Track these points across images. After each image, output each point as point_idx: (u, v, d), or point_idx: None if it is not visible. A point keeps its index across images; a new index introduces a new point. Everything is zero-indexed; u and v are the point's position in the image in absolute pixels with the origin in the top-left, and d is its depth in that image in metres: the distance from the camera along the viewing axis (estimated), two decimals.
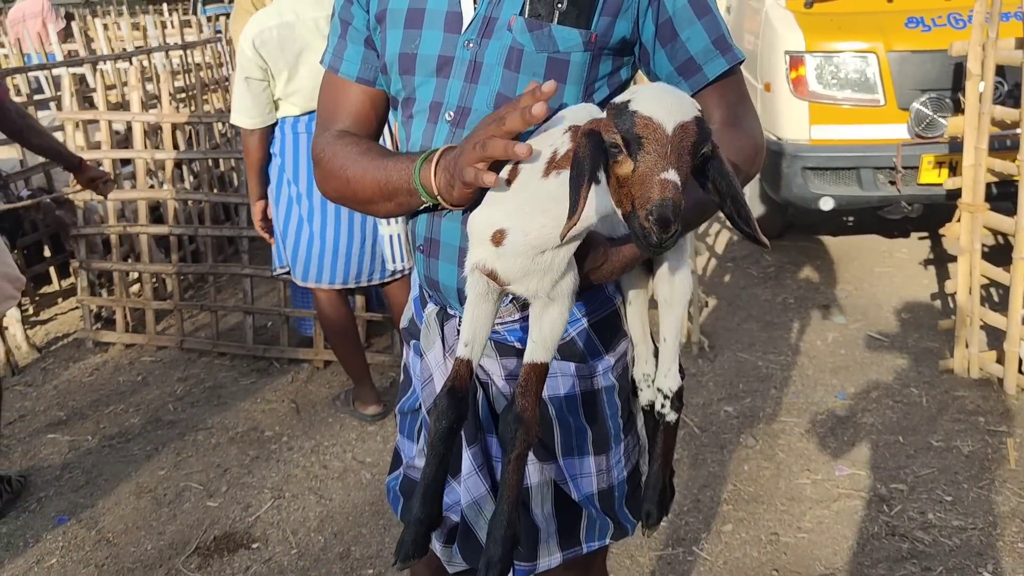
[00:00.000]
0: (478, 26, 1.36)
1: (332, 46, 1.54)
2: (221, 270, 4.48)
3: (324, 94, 1.56)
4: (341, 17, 1.52)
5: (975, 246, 3.73)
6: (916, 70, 4.43)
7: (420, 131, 1.42)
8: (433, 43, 1.39)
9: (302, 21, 3.23)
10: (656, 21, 1.36)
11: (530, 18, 1.33)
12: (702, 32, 1.37)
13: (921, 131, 4.41)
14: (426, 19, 1.39)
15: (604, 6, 1.33)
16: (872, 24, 4.54)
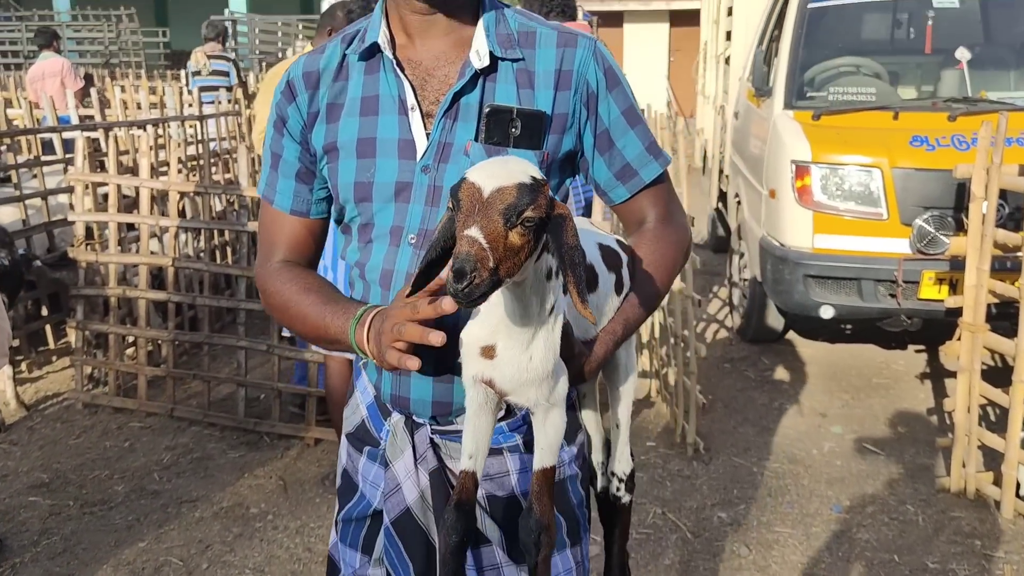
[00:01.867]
0: (434, 152, 1.40)
1: (264, 176, 1.57)
2: (216, 340, 4.46)
3: (263, 222, 1.59)
4: (272, 149, 1.54)
5: (975, 366, 3.74)
6: (919, 187, 4.50)
7: (381, 255, 1.44)
8: (389, 171, 1.42)
9: None
10: (594, 132, 1.46)
11: (488, 144, 1.39)
12: (635, 140, 1.48)
13: (923, 247, 4.45)
14: (379, 148, 1.43)
15: (552, 125, 1.41)
16: (878, 140, 4.63)
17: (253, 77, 11.96)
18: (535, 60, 1.43)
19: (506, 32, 1.44)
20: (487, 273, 1.07)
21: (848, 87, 5.04)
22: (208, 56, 9.24)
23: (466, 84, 1.40)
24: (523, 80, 1.42)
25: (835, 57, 5.39)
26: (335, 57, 1.48)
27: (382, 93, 1.44)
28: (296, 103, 1.49)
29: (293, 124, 1.49)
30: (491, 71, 1.41)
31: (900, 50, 5.78)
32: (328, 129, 1.46)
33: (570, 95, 1.43)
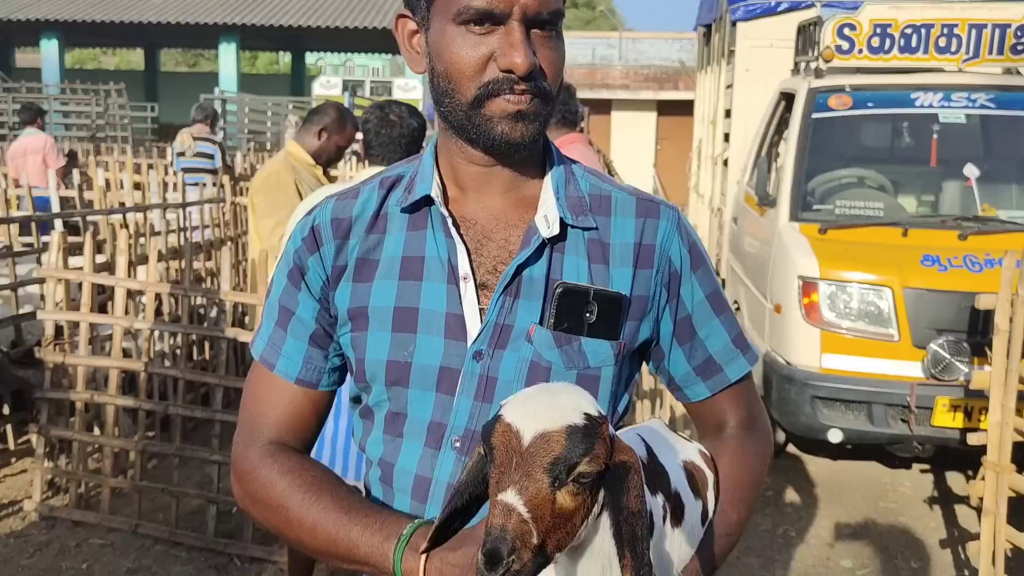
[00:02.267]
0: (489, 334, 1.18)
1: (266, 334, 1.29)
2: (188, 453, 4.17)
3: (253, 389, 1.30)
4: (281, 303, 1.28)
5: (1000, 508, 3.50)
6: (932, 309, 4.33)
7: (415, 457, 1.20)
8: (432, 351, 1.19)
9: None
10: (674, 318, 1.27)
11: (558, 331, 1.17)
12: (721, 330, 1.29)
13: (938, 373, 4.27)
14: (421, 321, 1.20)
15: (630, 310, 1.22)
16: (888, 257, 4.48)
17: (241, 157, 11.85)
18: (610, 230, 1.23)
19: (577, 195, 1.25)
20: (530, 553, 0.84)
21: (855, 200, 4.92)
22: (194, 138, 9.11)
23: (531, 254, 1.19)
24: (596, 253, 1.22)
25: (840, 168, 5.30)
26: (371, 204, 1.26)
27: (428, 255, 1.21)
28: (320, 253, 1.25)
29: (313, 278, 1.25)
30: (559, 239, 1.21)
31: (904, 161, 5.70)
32: (356, 289, 1.23)
33: (651, 274, 1.23)
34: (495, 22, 1.12)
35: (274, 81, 34.24)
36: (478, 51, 1.13)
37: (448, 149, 1.24)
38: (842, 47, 5.25)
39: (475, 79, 1.14)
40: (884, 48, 5.22)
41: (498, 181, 1.23)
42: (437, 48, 1.17)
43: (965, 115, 5.10)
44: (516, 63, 1.11)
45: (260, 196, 3.97)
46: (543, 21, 1.14)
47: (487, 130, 1.15)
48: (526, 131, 1.16)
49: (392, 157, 3.25)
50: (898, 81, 5.25)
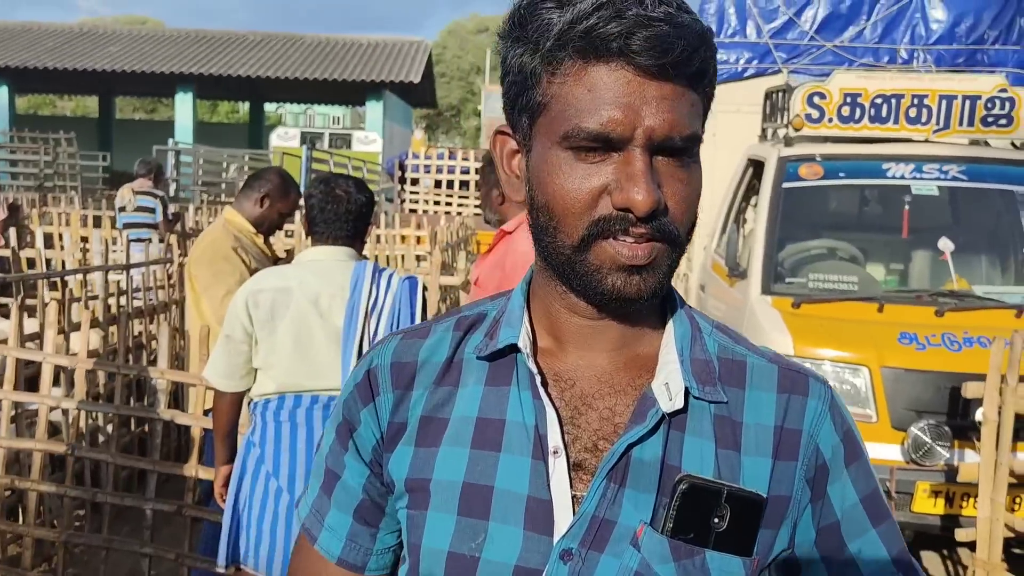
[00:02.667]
0: (583, 530, 0.92)
1: (311, 497, 1.09)
2: (116, 545, 3.83)
3: (296, 563, 1.10)
4: (328, 464, 1.07)
5: None
6: (911, 390, 4.15)
7: None
8: (508, 546, 0.94)
9: (302, 291, 2.91)
10: (817, 525, 0.99)
11: (676, 539, 0.91)
12: (878, 544, 1.00)
13: (918, 458, 4.07)
14: (495, 505, 0.95)
15: (767, 517, 0.94)
16: (864, 334, 4.31)
17: (193, 210, 11.53)
18: (743, 406, 0.98)
19: (703, 358, 0.99)
20: None
21: (828, 273, 4.76)
22: (135, 192, 8.80)
23: (645, 432, 0.94)
24: (724, 434, 0.96)
25: (811, 238, 5.16)
26: (444, 347, 1.03)
27: (510, 419, 0.97)
28: (374, 405, 1.02)
29: (365, 435, 1.03)
30: (678, 412, 0.96)
31: (875, 231, 5.58)
32: (418, 456, 0.99)
33: (795, 468, 0.97)
34: (612, 147, 0.90)
35: (232, 130, 33.98)
36: (589, 182, 0.91)
37: (545, 292, 1.01)
38: (812, 115, 5.14)
39: (583, 216, 0.91)
40: (854, 117, 5.12)
41: (606, 337, 0.99)
42: (539, 175, 0.95)
43: (937, 187, 5.00)
44: (635, 200, 0.88)
45: (202, 267, 3.69)
46: (674, 148, 0.91)
47: (595, 281, 0.93)
48: (644, 285, 0.92)
49: (338, 234, 3.03)
50: (869, 151, 5.15)
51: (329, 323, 2.90)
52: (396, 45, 26.59)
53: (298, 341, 2.89)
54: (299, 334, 2.89)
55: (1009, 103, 5.04)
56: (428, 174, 17.53)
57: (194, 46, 25.18)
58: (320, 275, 2.96)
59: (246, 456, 2.97)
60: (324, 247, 3.04)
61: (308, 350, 2.89)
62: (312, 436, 2.89)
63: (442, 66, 49.88)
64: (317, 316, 2.90)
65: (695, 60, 0.89)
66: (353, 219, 3.03)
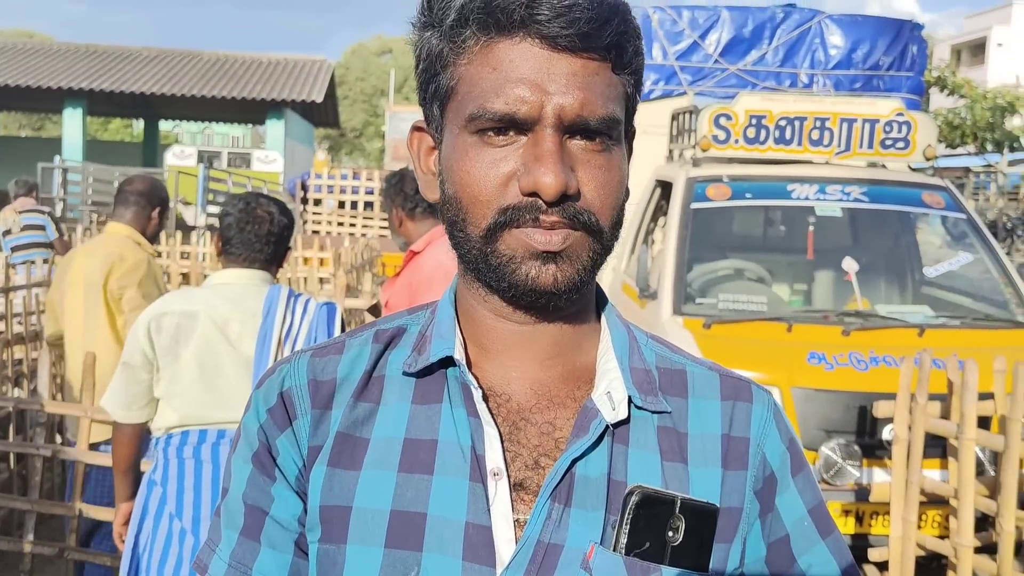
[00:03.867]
0: (528, 557, 0.83)
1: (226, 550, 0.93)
2: None
3: None
4: (247, 501, 0.92)
5: None
6: (821, 410, 4.17)
7: None
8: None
9: (210, 316, 2.68)
10: (767, 539, 0.94)
11: (630, 556, 0.81)
12: (828, 557, 0.96)
13: (829, 478, 4.09)
14: (429, 535, 0.84)
15: (719, 530, 0.87)
16: (774, 355, 4.32)
17: (81, 231, 11.00)
18: (686, 415, 0.92)
19: (643, 367, 0.93)
20: None
21: (737, 294, 4.77)
22: (19, 212, 8.31)
23: (589, 446, 0.86)
24: (670, 445, 0.90)
25: (719, 258, 5.19)
26: (362, 361, 0.93)
27: (443, 439, 0.87)
28: (293, 430, 0.91)
29: (287, 464, 0.91)
30: (621, 424, 0.89)
31: (781, 251, 5.66)
32: (334, 478, 0.88)
33: (744, 478, 0.91)
34: (520, 129, 0.83)
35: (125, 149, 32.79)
36: (496, 168, 0.84)
37: (469, 299, 0.93)
38: (718, 136, 5.17)
39: (491, 204, 0.85)
40: (759, 139, 5.17)
41: (539, 344, 0.91)
42: (448, 165, 0.88)
43: (840, 208, 5.09)
44: (542, 182, 0.81)
45: (131, 287, 3.47)
46: (588, 130, 0.84)
47: (509, 272, 0.85)
48: (560, 275, 0.85)
49: (256, 257, 2.82)
50: (774, 172, 5.21)
51: (239, 351, 2.69)
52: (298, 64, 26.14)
53: (204, 370, 2.67)
54: (205, 362, 2.67)
55: (906, 127, 5.18)
56: (331, 194, 17.21)
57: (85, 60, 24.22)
58: (230, 300, 2.75)
59: (148, 496, 2.73)
60: (237, 270, 2.82)
61: (215, 380, 2.67)
62: (217, 474, 2.67)
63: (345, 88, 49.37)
64: (225, 343, 2.69)
65: (607, 31, 0.83)
66: (274, 242, 2.84)
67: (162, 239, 9.23)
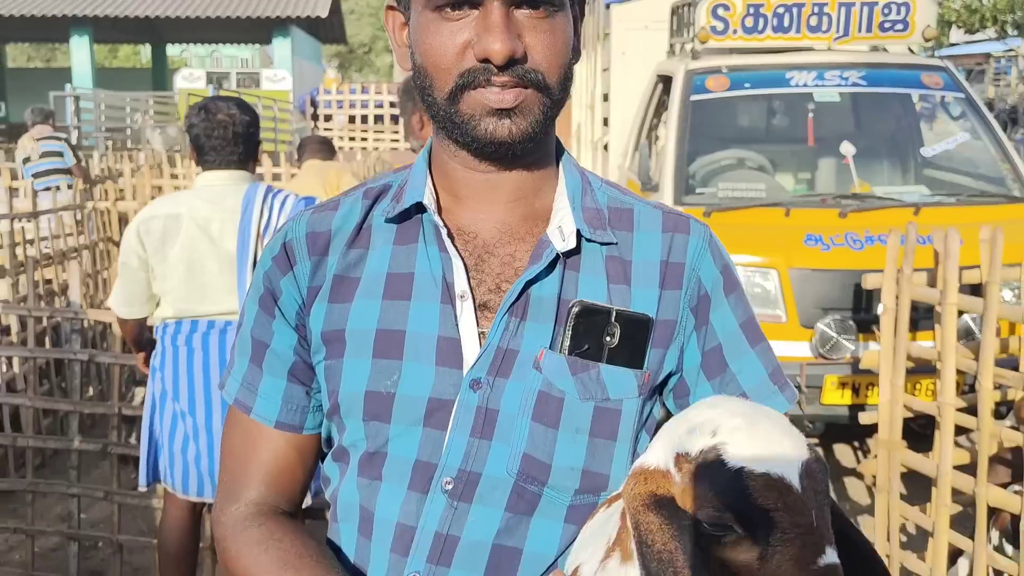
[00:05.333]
0: (489, 360, 1.02)
1: (239, 373, 1.12)
2: (43, 488, 3.79)
3: (229, 440, 1.14)
4: (253, 335, 1.11)
5: (892, 485, 3.51)
6: (817, 288, 4.34)
7: (397, 503, 1.01)
8: (421, 380, 1.02)
9: (192, 217, 2.91)
10: (703, 348, 1.10)
11: (573, 356, 1.00)
12: (757, 363, 1.12)
13: (825, 352, 4.27)
14: (408, 346, 1.03)
15: (655, 336, 1.06)
16: (772, 239, 4.47)
17: (97, 157, 11.15)
18: (632, 246, 1.08)
19: (594, 207, 1.09)
20: None
21: (737, 182, 4.89)
22: (36, 139, 8.46)
23: (542, 271, 1.03)
24: (616, 271, 1.06)
25: (720, 149, 5.27)
26: (354, 216, 1.10)
27: (419, 271, 1.05)
28: (293, 274, 1.09)
29: (288, 303, 1.09)
30: (573, 253, 1.06)
31: (781, 140, 5.73)
32: (332, 311, 1.07)
33: (679, 296, 1.08)
34: (473, 4, 0.98)
35: (135, 75, 32.61)
36: (453, 39, 0.99)
37: (441, 154, 1.09)
38: (717, 28, 5.21)
39: (451, 71, 1.00)
40: (757, 28, 5.21)
41: (503, 190, 1.07)
42: (415, 39, 1.03)
43: (839, 93, 5.14)
44: (492, 50, 0.96)
45: None
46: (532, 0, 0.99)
47: (471, 128, 1.00)
48: (515, 128, 1.00)
49: (229, 159, 2.99)
50: (773, 61, 5.25)
51: (221, 248, 2.90)
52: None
53: (190, 267, 2.90)
54: (191, 260, 2.90)
55: (905, 8, 5.18)
56: (341, 110, 17.20)
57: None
58: (211, 200, 2.95)
59: (153, 383, 3.04)
60: (216, 172, 3.00)
61: (201, 276, 2.90)
62: (208, 360, 2.93)
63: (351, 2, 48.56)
64: (208, 241, 2.90)
65: None
66: (242, 141, 2.99)
67: (177, 162, 9.38)
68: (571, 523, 1.02)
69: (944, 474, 3.27)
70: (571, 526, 1.02)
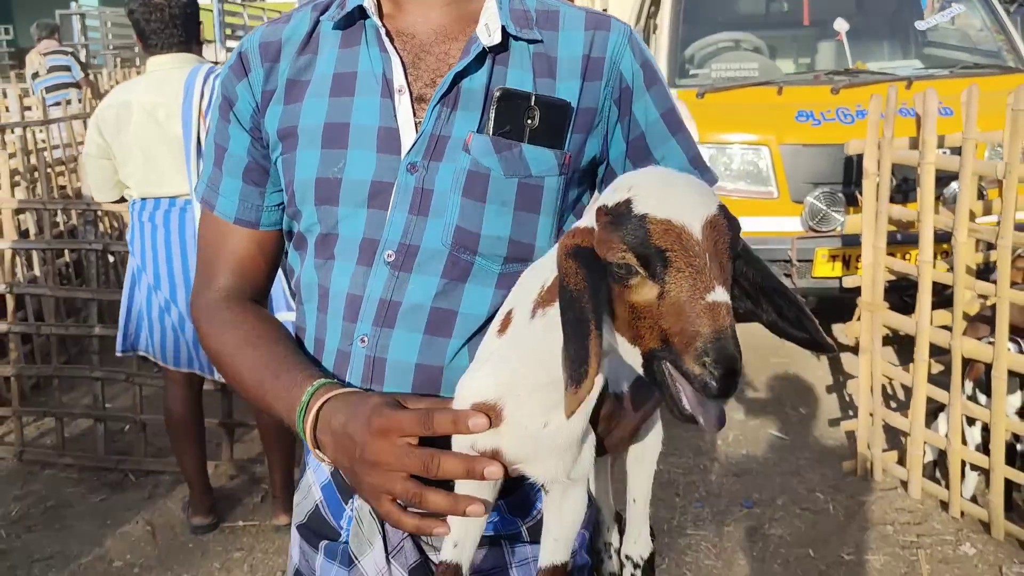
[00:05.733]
0: (424, 145, 1.12)
1: (206, 175, 1.26)
2: (67, 372, 4.01)
3: (203, 234, 1.28)
4: (215, 140, 1.24)
5: (875, 345, 3.64)
6: (808, 163, 4.41)
7: (347, 277, 1.13)
8: (364, 166, 1.13)
9: (139, 104, 3.06)
10: (627, 137, 1.18)
11: (497, 136, 1.10)
12: (678, 149, 1.20)
13: (815, 225, 4.37)
14: (352, 136, 1.13)
15: (576, 121, 1.14)
16: (764, 117, 4.52)
17: (107, 75, 11.19)
18: (557, 43, 1.16)
19: (522, 8, 1.17)
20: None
21: (730, 63, 4.92)
22: (43, 54, 8.53)
23: (470, 64, 1.12)
24: (541, 67, 1.15)
25: (714, 32, 5.27)
26: (303, 25, 1.20)
27: (361, 70, 1.15)
28: (248, 80, 1.20)
29: (243, 107, 1.20)
30: (501, 51, 1.14)
31: (777, 23, 5.71)
32: (286, 111, 1.17)
33: (600, 87, 1.15)
34: None
35: None
36: None
37: None
38: None
39: None
40: None
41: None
42: None
43: None
44: None
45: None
46: None
47: None
48: None
49: (171, 42, 3.10)
50: None
51: (169, 132, 3.04)
52: None
53: (144, 151, 3.07)
54: (143, 145, 3.07)
55: None
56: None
57: None
58: (157, 85, 3.08)
59: (132, 258, 3.26)
60: (161, 56, 3.12)
61: (154, 160, 3.07)
62: (169, 238, 3.11)
63: None
64: (155, 126, 3.04)
65: None
66: (181, 23, 3.09)
67: None
68: (501, 288, 1.14)
69: (923, 330, 3.40)
70: (501, 291, 1.13)
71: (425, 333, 1.12)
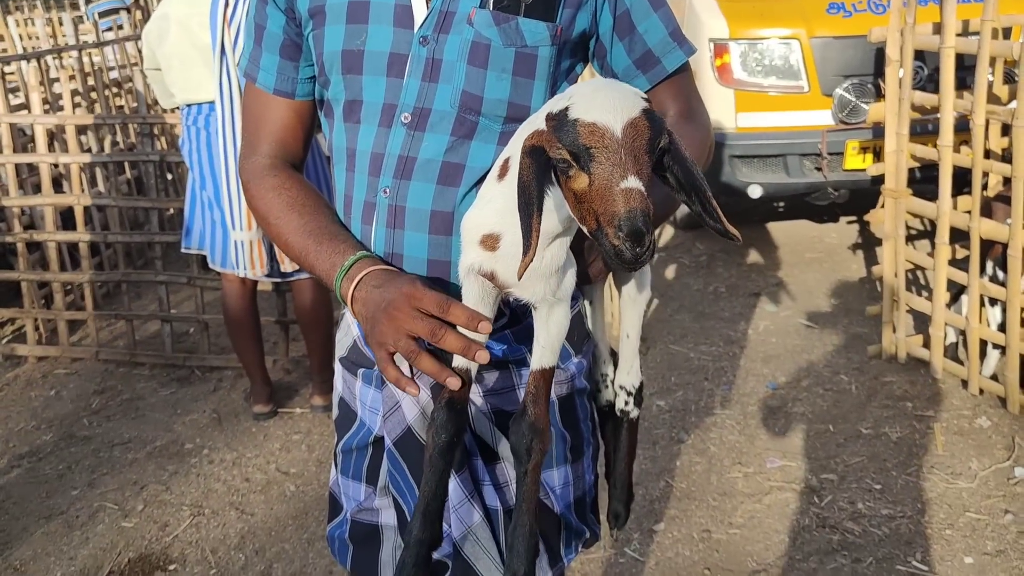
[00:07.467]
0: (434, 20, 1.28)
1: (248, 51, 1.43)
2: (134, 277, 4.31)
3: (247, 104, 1.47)
4: (255, 20, 1.41)
5: (899, 232, 3.74)
6: (838, 56, 4.42)
7: (371, 137, 1.32)
8: (382, 39, 1.30)
9: (175, 17, 3.34)
10: (614, 13, 1.33)
11: (496, 11, 1.26)
12: (659, 24, 1.35)
13: (845, 117, 4.41)
14: (372, 13, 1.30)
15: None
16: (794, 10, 4.53)
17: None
18: None
19: None
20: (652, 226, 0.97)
21: None
22: None
23: None
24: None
25: None
26: None
27: None
28: None
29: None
30: None
31: None
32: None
33: None
34: None
35: None
36: None
37: None
38: None
39: None
40: None
41: None
42: None
43: None
44: None
45: None
46: None
47: None
48: None
49: None
50: None
51: (201, 41, 3.28)
52: None
53: (182, 60, 3.35)
54: (181, 55, 3.34)
55: None
56: None
57: None
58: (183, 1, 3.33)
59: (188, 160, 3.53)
60: None
61: (191, 67, 3.33)
62: (210, 139, 3.36)
63: None
64: (189, 35, 3.31)
65: None
66: None
67: None
68: (502, 145, 1.31)
69: (943, 214, 3.48)
70: (502, 147, 1.31)
71: (438, 184, 1.30)
